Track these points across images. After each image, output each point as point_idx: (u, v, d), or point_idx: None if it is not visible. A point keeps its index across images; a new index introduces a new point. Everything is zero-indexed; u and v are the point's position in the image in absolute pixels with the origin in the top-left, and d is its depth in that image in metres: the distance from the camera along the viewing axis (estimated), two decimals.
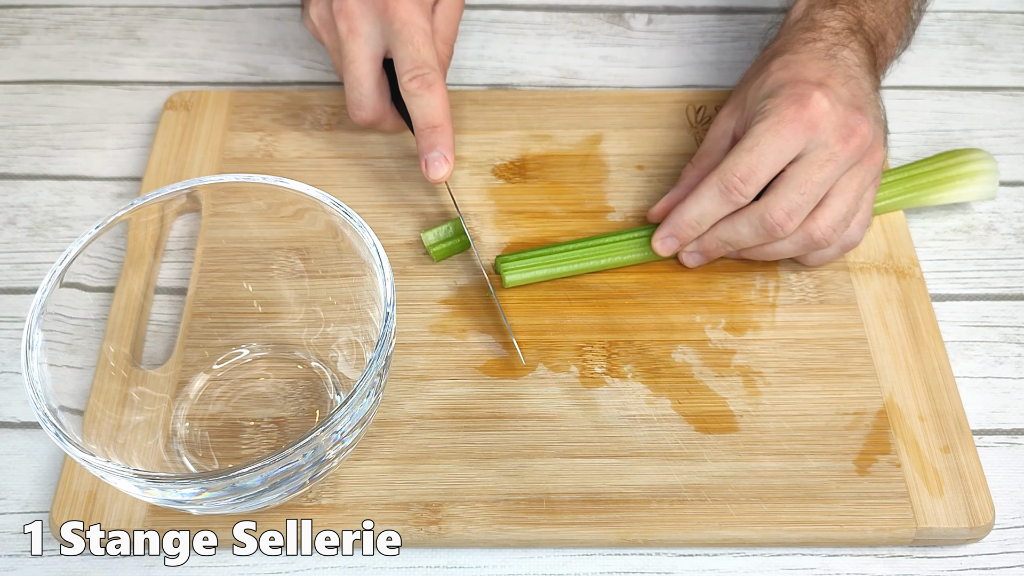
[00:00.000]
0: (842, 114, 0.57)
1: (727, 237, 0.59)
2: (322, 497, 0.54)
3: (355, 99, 0.63)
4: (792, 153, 0.56)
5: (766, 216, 0.57)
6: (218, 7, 0.80)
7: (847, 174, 0.58)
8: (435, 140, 0.60)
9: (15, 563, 0.54)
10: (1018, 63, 0.77)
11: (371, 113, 0.64)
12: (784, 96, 0.57)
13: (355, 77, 0.62)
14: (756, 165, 0.56)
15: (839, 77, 0.58)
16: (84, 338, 0.53)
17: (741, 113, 0.61)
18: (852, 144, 0.57)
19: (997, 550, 0.55)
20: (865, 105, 0.58)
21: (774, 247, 0.59)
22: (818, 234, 0.58)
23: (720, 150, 0.62)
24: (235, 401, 0.57)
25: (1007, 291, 0.65)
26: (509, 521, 0.53)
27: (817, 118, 0.56)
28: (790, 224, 0.57)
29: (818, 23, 0.62)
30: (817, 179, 0.56)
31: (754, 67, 0.64)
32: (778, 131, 0.56)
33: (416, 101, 0.60)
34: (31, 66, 0.76)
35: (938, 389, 0.58)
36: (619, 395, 0.58)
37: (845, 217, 0.58)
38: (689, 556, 0.54)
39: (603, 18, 0.80)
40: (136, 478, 0.45)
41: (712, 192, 0.58)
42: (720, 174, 0.57)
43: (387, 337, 0.49)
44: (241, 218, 0.56)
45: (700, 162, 0.63)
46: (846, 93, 0.58)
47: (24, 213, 0.68)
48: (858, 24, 0.62)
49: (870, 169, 0.58)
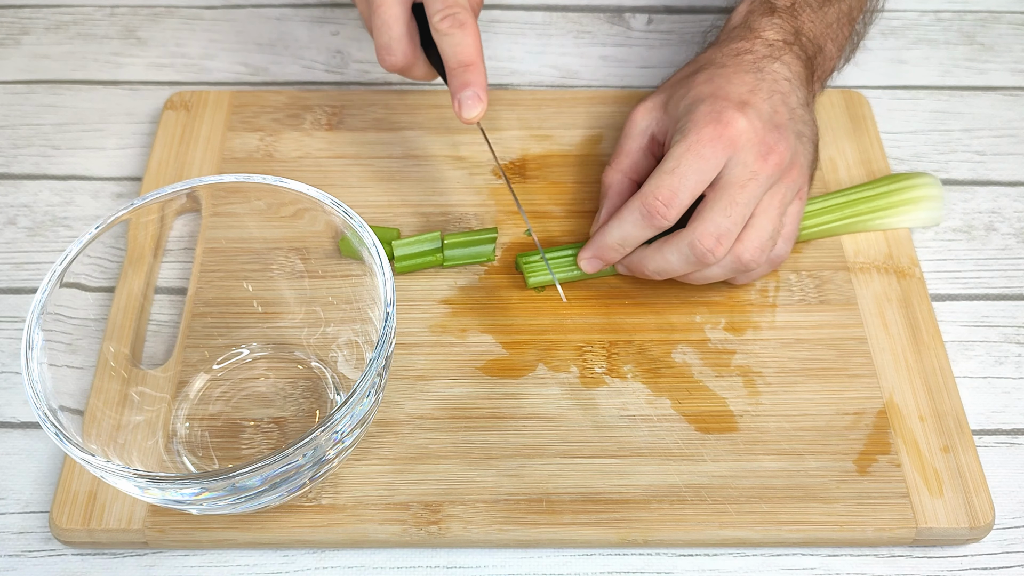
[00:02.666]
0: (760, 132, 0.56)
1: (656, 267, 0.58)
2: (322, 497, 0.54)
3: (384, 43, 0.60)
4: (713, 173, 0.56)
5: (695, 243, 0.56)
6: (218, 7, 0.80)
7: (768, 193, 0.57)
8: (468, 78, 0.58)
9: (15, 563, 0.54)
10: (1018, 63, 0.78)
11: (401, 57, 0.61)
12: (703, 113, 0.56)
13: (384, 20, 0.60)
14: (678, 187, 0.55)
15: (763, 92, 0.58)
16: (84, 338, 0.53)
17: (661, 114, 0.60)
18: (771, 162, 0.56)
19: (997, 550, 0.55)
20: (786, 123, 0.58)
21: (703, 273, 0.58)
22: (747, 256, 0.57)
23: (638, 148, 0.61)
24: (235, 401, 0.57)
25: (1007, 291, 0.65)
26: (509, 521, 0.53)
27: (735, 136, 0.55)
28: (720, 249, 0.56)
29: (754, 31, 0.61)
30: (741, 200, 0.56)
31: (683, 71, 0.63)
32: (698, 151, 0.55)
33: (448, 40, 0.58)
34: (31, 66, 0.76)
35: (938, 389, 0.58)
36: (619, 395, 0.58)
37: (771, 236, 0.57)
38: (689, 556, 0.54)
39: (603, 18, 0.80)
40: (136, 478, 0.45)
41: (635, 216, 0.57)
42: (642, 198, 0.56)
43: (387, 337, 0.49)
44: (241, 218, 0.56)
45: (619, 163, 0.62)
46: (767, 109, 0.57)
47: (24, 213, 0.68)
48: (795, 35, 0.61)
49: (790, 186, 0.58)
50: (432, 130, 0.70)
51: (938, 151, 0.72)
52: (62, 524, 0.53)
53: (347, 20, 0.80)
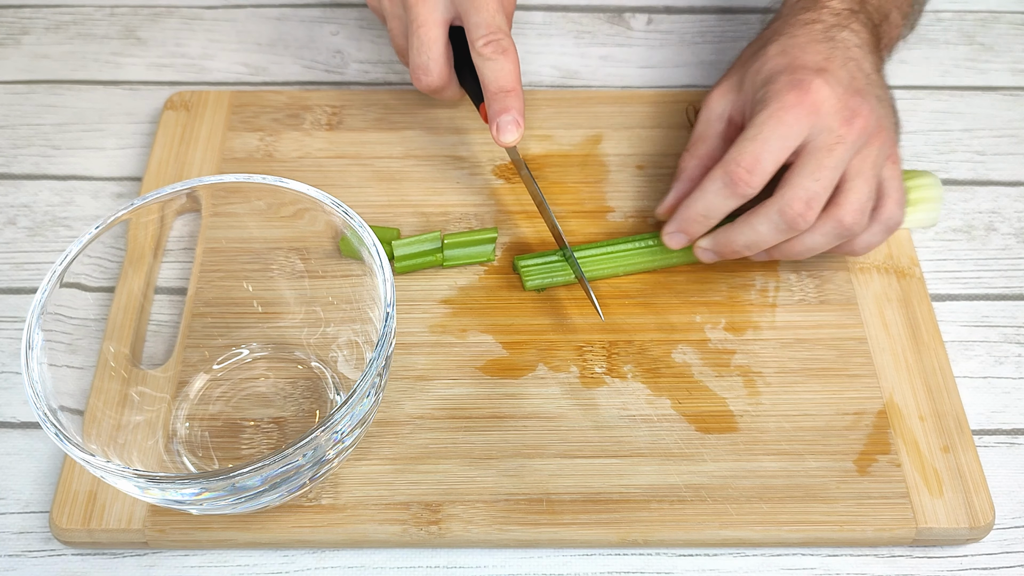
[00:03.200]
0: (842, 97, 0.56)
1: (747, 240, 0.57)
2: (322, 497, 0.54)
3: (422, 63, 0.61)
4: (796, 140, 0.55)
5: (785, 209, 0.55)
6: (218, 7, 0.80)
7: (859, 156, 0.56)
8: (508, 103, 0.60)
9: (15, 563, 0.54)
10: (1018, 63, 0.78)
11: (437, 78, 0.62)
12: (784, 82, 0.56)
13: (423, 41, 0.61)
14: (761, 154, 0.55)
15: (838, 60, 0.57)
16: (84, 338, 0.53)
17: (736, 95, 0.60)
18: (856, 126, 0.55)
19: (997, 550, 0.55)
20: (865, 87, 0.57)
21: (803, 242, 0.57)
22: (848, 218, 0.56)
23: (715, 134, 0.61)
24: (235, 401, 0.57)
25: (1007, 291, 0.65)
26: (509, 521, 0.53)
27: (819, 103, 0.55)
28: (811, 213, 0.55)
29: (819, 2, 0.61)
30: (828, 163, 0.55)
31: (750, 48, 0.62)
32: (780, 118, 0.55)
33: (490, 65, 0.59)
34: (31, 66, 0.76)
35: (938, 389, 0.58)
36: (619, 395, 0.58)
37: (869, 197, 0.56)
38: (689, 556, 0.54)
39: (603, 18, 0.80)
40: (136, 478, 0.45)
41: (717, 185, 0.56)
42: (724, 166, 0.56)
43: (387, 337, 0.49)
44: (241, 218, 0.56)
45: (696, 149, 0.61)
46: (845, 76, 0.57)
47: (24, 213, 0.68)
48: (860, 3, 0.61)
49: (881, 148, 0.57)
50: (432, 130, 0.70)
51: (938, 151, 0.72)
52: (62, 524, 0.53)
53: (347, 20, 0.80)
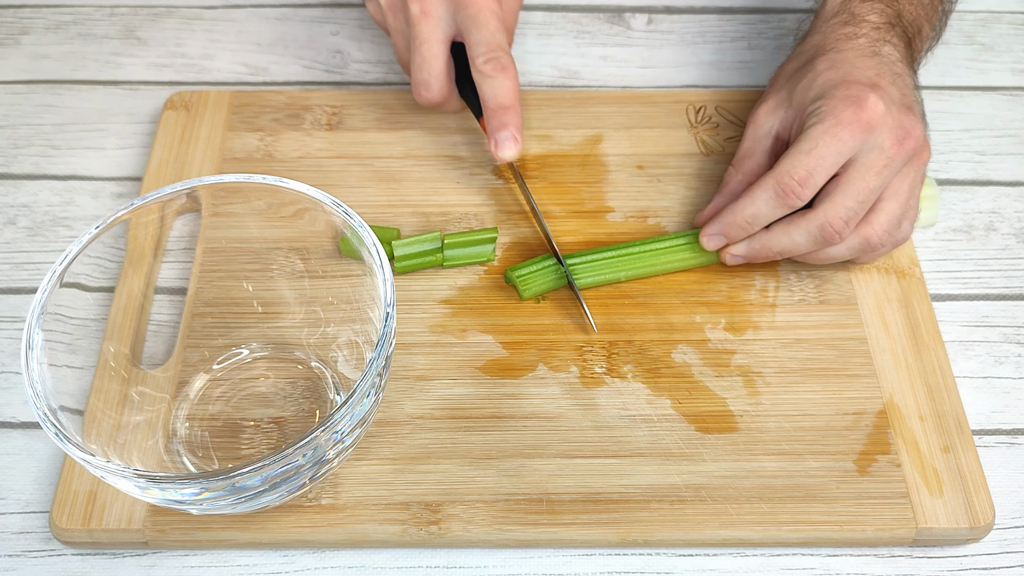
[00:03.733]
0: (896, 116, 0.56)
1: (781, 247, 0.59)
2: (322, 497, 0.54)
3: (423, 79, 0.63)
4: (849, 155, 0.56)
5: (826, 225, 0.57)
6: (218, 7, 0.80)
7: (899, 176, 0.57)
8: (506, 120, 0.62)
9: (15, 563, 0.54)
10: (1018, 63, 0.77)
11: (438, 94, 0.64)
12: (840, 98, 0.57)
13: (425, 58, 0.63)
14: (814, 168, 0.56)
15: (888, 76, 0.58)
16: (84, 338, 0.53)
17: (785, 112, 0.61)
18: (907, 146, 0.56)
19: (997, 550, 0.55)
20: (914, 104, 0.58)
21: (827, 252, 0.59)
22: (875, 239, 0.58)
23: (763, 151, 0.62)
24: (235, 401, 0.57)
25: (1007, 291, 0.65)
26: (509, 521, 0.53)
27: (875, 121, 0.56)
28: (847, 231, 0.57)
29: (858, 17, 0.61)
30: (874, 185, 0.56)
31: (793, 63, 0.63)
32: (836, 134, 0.56)
33: (490, 83, 0.61)
34: (31, 66, 0.76)
35: (938, 389, 0.58)
36: (619, 395, 0.58)
37: (899, 219, 0.58)
38: (689, 556, 0.54)
39: (603, 18, 0.80)
40: (136, 478, 0.45)
41: (768, 195, 0.57)
42: (777, 176, 0.57)
43: (387, 337, 0.49)
44: (241, 218, 0.56)
45: (742, 165, 0.62)
46: (896, 93, 0.58)
47: (24, 213, 0.68)
48: (897, 17, 0.62)
49: (919, 168, 0.58)
50: (432, 130, 0.70)
51: (938, 151, 0.72)
52: (62, 524, 0.53)
53: (347, 20, 0.80)
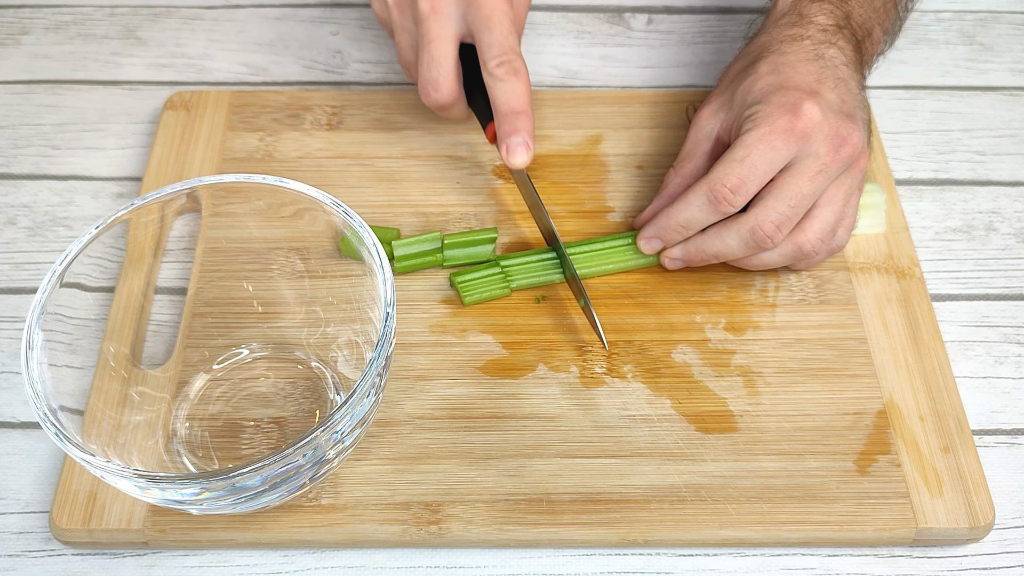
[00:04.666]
0: (834, 123, 0.56)
1: (715, 250, 0.59)
2: (322, 497, 0.54)
3: (432, 79, 0.61)
4: (783, 163, 0.56)
5: (756, 229, 0.56)
6: (218, 7, 0.80)
7: (835, 183, 0.57)
8: (518, 125, 0.60)
9: (15, 563, 0.54)
10: (1018, 63, 0.78)
11: (447, 94, 0.61)
12: (776, 104, 0.56)
13: (434, 56, 0.60)
14: (747, 176, 0.56)
15: (829, 81, 0.58)
16: (84, 338, 0.53)
17: (726, 114, 0.60)
18: (843, 154, 0.56)
19: (997, 550, 0.55)
20: (855, 110, 0.58)
21: (760, 258, 0.59)
22: (808, 246, 0.58)
23: (702, 153, 0.61)
24: (235, 401, 0.57)
25: (1007, 291, 0.65)
26: (509, 521, 0.53)
27: (810, 128, 0.55)
28: (779, 236, 0.57)
29: (805, 18, 0.61)
30: (807, 191, 0.56)
31: (738, 64, 0.62)
32: (770, 142, 0.55)
33: (502, 86, 0.59)
34: (31, 66, 0.76)
35: (938, 389, 0.58)
36: (619, 395, 0.58)
37: (833, 227, 0.58)
38: (689, 556, 0.54)
39: (603, 18, 0.80)
40: (136, 478, 0.45)
41: (701, 201, 0.57)
42: (710, 183, 0.57)
43: (387, 337, 0.49)
44: (241, 218, 0.56)
45: (682, 167, 0.62)
46: (836, 99, 0.57)
47: (24, 213, 0.68)
48: (845, 19, 0.61)
49: (856, 176, 0.58)
50: (432, 130, 0.70)
51: (938, 151, 0.72)
52: (62, 524, 0.53)
53: (347, 20, 0.80)
